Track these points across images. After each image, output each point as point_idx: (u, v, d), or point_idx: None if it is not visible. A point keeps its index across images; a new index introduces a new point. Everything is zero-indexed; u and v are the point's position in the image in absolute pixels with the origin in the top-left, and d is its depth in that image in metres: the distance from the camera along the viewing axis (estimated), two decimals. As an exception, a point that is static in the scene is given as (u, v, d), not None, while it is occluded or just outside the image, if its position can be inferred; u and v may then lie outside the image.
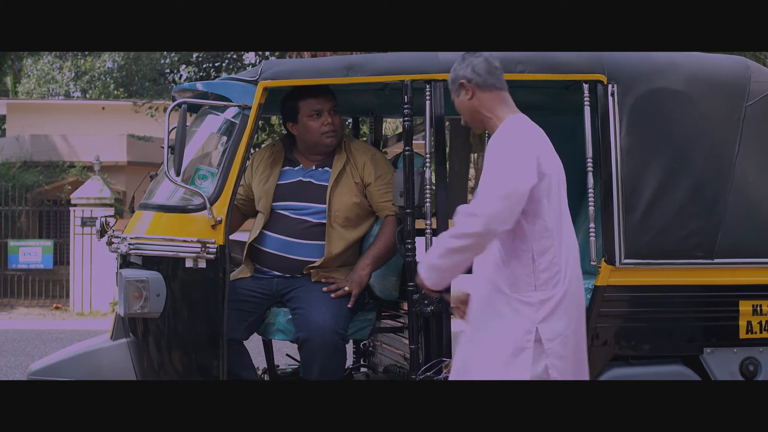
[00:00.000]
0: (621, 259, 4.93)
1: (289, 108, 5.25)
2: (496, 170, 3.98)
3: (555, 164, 4.17)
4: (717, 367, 5.03)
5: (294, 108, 5.23)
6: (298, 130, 5.27)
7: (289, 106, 5.24)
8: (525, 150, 4.01)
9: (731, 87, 5.16)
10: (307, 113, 5.21)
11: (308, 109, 5.20)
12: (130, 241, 4.92)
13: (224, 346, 4.81)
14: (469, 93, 4.25)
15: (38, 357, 11.89)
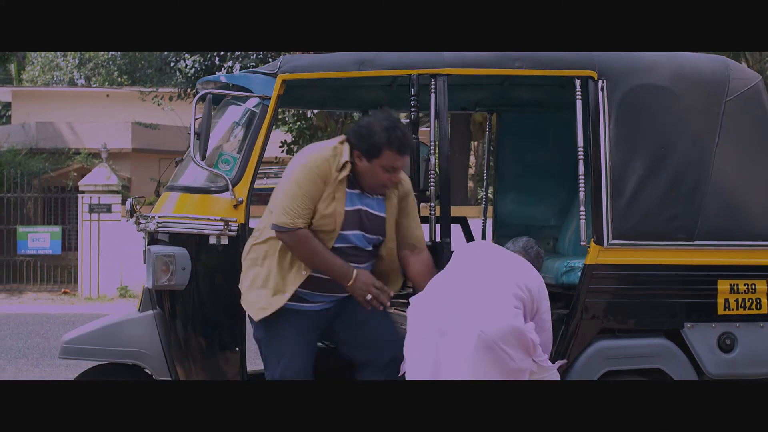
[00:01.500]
0: (609, 240, 5.27)
1: (372, 148, 4.77)
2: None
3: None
4: (696, 341, 5.36)
5: (377, 151, 4.76)
6: (364, 169, 4.81)
7: (373, 146, 4.77)
8: None
9: (712, 84, 5.50)
10: (384, 164, 4.78)
11: (389, 163, 4.79)
12: (158, 219, 5.30)
13: (244, 316, 5.18)
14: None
15: (53, 339, 12.31)
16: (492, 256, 4.93)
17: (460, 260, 4.90)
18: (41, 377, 9.46)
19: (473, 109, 7.19)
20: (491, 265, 4.82)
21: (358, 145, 4.80)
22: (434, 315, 4.59)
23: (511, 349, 4.48)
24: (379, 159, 4.77)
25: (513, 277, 4.72)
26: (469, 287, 4.64)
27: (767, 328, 5.46)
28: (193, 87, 20.35)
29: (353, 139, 4.83)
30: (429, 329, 4.58)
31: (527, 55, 5.38)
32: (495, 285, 4.66)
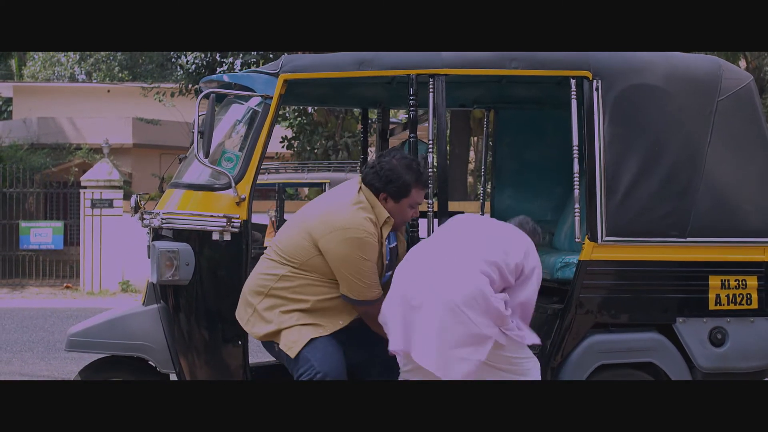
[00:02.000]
0: (603, 236, 5.40)
1: (401, 188, 4.97)
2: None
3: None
4: (688, 335, 5.49)
5: (406, 191, 4.98)
6: (392, 208, 5.00)
7: (402, 187, 4.97)
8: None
9: (704, 83, 5.62)
10: (411, 202, 5.03)
11: (415, 200, 5.04)
12: (163, 216, 5.41)
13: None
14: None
15: (57, 333, 12.46)
16: (474, 226, 4.98)
17: (441, 232, 4.97)
18: (47, 370, 9.60)
19: (471, 107, 7.31)
20: (469, 235, 4.86)
21: (385, 188, 4.97)
22: (406, 286, 4.65)
23: (473, 314, 4.48)
24: (408, 198, 5.00)
25: (491, 245, 4.75)
26: (442, 257, 4.69)
27: (757, 323, 5.58)
28: (194, 83, 20.49)
29: (378, 183, 4.98)
30: (400, 300, 4.65)
31: (523, 56, 5.50)
32: (466, 253, 4.69)
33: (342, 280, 4.88)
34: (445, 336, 4.47)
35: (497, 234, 4.89)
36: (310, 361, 4.85)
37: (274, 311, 4.95)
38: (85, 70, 41.18)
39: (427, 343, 4.48)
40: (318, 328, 4.92)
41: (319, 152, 20.11)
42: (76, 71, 41.99)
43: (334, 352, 4.89)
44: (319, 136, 20.32)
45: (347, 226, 4.85)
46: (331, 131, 20.42)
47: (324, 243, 4.86)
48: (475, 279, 4.55)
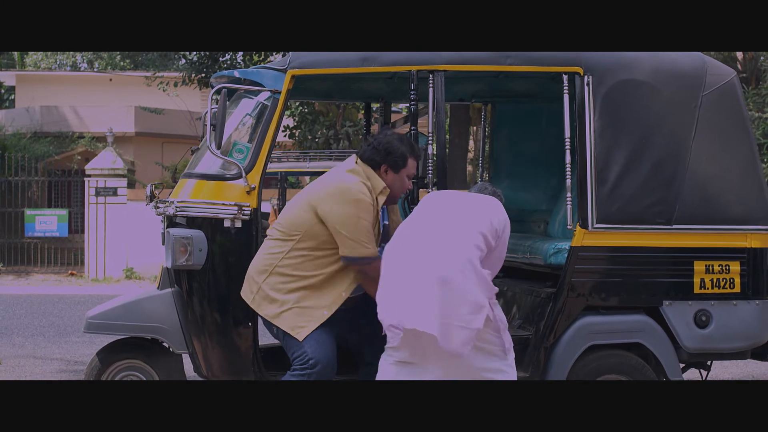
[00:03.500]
0: (593, 224, 5.68)
1: (399, 160, 5.24)
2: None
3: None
4: (674, 317, 5.77)
5: (404, 162, 5.25)
6: (392, 180, 5.26)
7: (401, 157, 5.24)
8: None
9: (690, 79, 5.89)
10: (408, 173, 5.29)
11: (411, 170, 5.31)
12: (177, 204, 5.68)
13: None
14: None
15: (66, 318, 12.71)
16: (455, 201, 5.11)
17: (424, 208, 5.08)
18: (59, 353, 9.86)
19: (470, 101, 7.57)
20: (454, 210, 5.00)
21: (385, 160, 5.23)
22: (400, 263, 4.81)
23: (467, 281, 4.65)
24: (405, 168, 5.26)
25: (477, 217, 4.91)
26: (433, 232, 4.85)
27: (740, 306, 5.85)
28: (197, 72, 20.65)
29: (378, 157, 5.23)
30: (395, 277, 4.79)
31: (518, 53, 5.76)
32: (456, 227, 4.85)
33: (340, 240, 5.07)
34: (443, 305, 4.61)
35: (478, 205, 5.03)
36: (304, 347, 5.06)
37: (279, 289, 5.15)
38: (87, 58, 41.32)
39: (427, 312, 4.61)
40: (320, 312, 5.12)
41: (320, 141, 20.29)
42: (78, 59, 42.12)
43: (327, 340, 5.08)
44: (321, 125, 20.50)
45: (344, 188, 5.10)
46: (332, 120, 20.62)
47: (323, 207, 5.08)
48: (466, 250, 4.71)
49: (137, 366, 5.86)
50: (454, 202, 5.08)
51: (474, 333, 4.64)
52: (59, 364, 9.13)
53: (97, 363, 5.83)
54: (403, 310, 4.70)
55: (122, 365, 5.85)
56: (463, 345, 4.63)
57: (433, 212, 5.00)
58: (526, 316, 6.10)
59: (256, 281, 5.24)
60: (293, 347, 5.11)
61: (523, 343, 5.69)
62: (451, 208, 5.02)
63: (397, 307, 4.73)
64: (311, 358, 5.03)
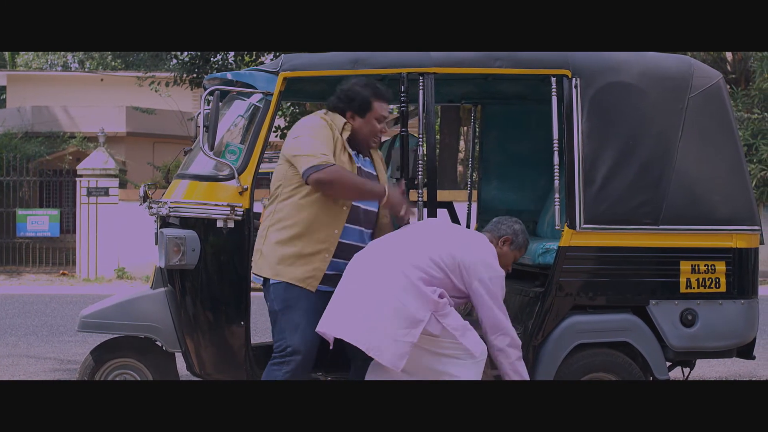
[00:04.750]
0: (581, 224, 5.75)
1: (363, 103, 5.27)
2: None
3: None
4: (661, 317, 5.84)
5: (367, 105, 5.27)
6: (359, 125, 5.30)
7: (364, 102, 5.28)
8: None
9: (676, 81, 5.95)
10: (377, 115, 5.30)
11: (380, 112, 5.31)
12: (170, 205, 5.75)
13: (248, 293, 5.68)
14: (505, 247, 5.39)
15: (59, 317, 12.74)
16: (431, 228, 5.27)
17: (402, 231, 5.26)
18: (53, 352, 9.90)
19: (459, 102, 7.64)
20: (422, 234, 5.19)
21: (349, 106, 5.30)
22: (351, 275, 5.01)
23: (406, 298, 4.82)
24: (372, 112, 5.29)
25: (441, 245, 5.06)
26: (388, 253, 5.04)
27: (725, 305, 5.92)
28: (188, 73, 20.69)
29: (342, 104, 5.31)
30: (342, 286, 5.02)
31: (507, 55, 5.83)
32: (412, 250, 5.03)
33: (296, 162, 5.13)
34: (378, 320, 4.80)
35: (449, 235, 5.19)
36: (285, 332, 5.14)
37: (274, 245, 5.18)
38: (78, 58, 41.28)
39: (358, 325, 4.81)
40: (322, 255, 5.14)
41: (311, 142, 20.31)
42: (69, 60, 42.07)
43: (307, 326, 5.11)
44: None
45: (303, 123, 5.25)
46: (323, 120, 20.67)
47: (284, 147, 5.23)
48: (408, 270, 4.90)
49: (130, 365, 5.92)
50: (429, 228, 5.28)
51: (408, 346, 4.77)
52: (52, 364, 9.18)
53: (90, 362, 5.90)
54: (337, 319, 4.90)
55: (116, 364, 5.91)
56: (398, 358, 4.76)
57: (403, 234, 5.20)
58: (514, 316, 6.14)
59: (258, 249, 5.30)
60: (282, 316, 5.16)
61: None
62: (420, 232, 5.22)
63: (332, 315, 4.94)
64: (289, 346, 5.10)
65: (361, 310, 4.85)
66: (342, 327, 4.87)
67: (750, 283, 6.01)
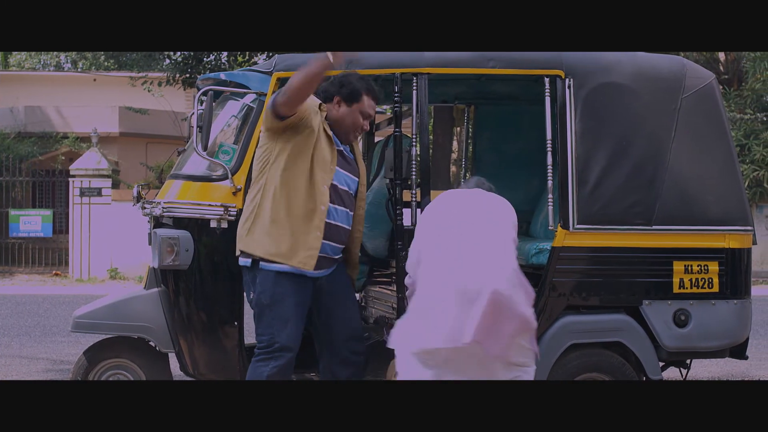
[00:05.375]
0: (574, 224, 5.76)
1: (353, 92, 5.30)
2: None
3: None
4: (654, 317, 5.84)
5: (357, 95, 5.31)
6: (343, 114, 5.31)
7: (354, 91, 5.31)
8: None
9: (669, 82, 5.96)
10: (363, 108, 5.33)
11: (366, 108, 5.34)
12: (164, 205, 5.75)
13: (242, 293, 5.64)
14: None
15: (51, 318, 12.75)
16: (477, 204, 5.06)
17: (450, 212, 5.02)
18: (45, 353, 9.91)
19: (453, 102, 7.65)
20: (482, 215, 4.96)
21: (339, 91, 5.31)
22: (456, 280, 4.68)
23: (516, 294, 4.66)
24: (359, 104, 5.32)
25: (504, 223, 4.94)
26: (469, 246, 4.78)
27: (718, 306, 5.92)
28: (181, 73, 20.68)
29: (333, 88, 5.33)
30: (453, 296, 4.65)
31: (500, 56, 5.84)
32: (494, 237, 4.83)
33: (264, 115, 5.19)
34: (494, 319, 4.58)
35: (497, 209, 5.03)
36: (272, 327, 5.11)
37: (265, 225, 5.13)
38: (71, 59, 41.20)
39: (492, 334, 4.59)
40: (315, 234, 5.10)
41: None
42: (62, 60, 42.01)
43: (296, 321, 5.13)
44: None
45: None
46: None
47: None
48: (509, 260, 4.76)
49: (124, 365, 5.93)
50: (473, 207, 5.03)
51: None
52: (45, 364, 9.18)
53: (84, 362, 5.90)
54: (462, 330, 4.60)
55: (109, 364, 5.93)
56: (505, 349, 4.67)
57: (457, 221, 4.93)
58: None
59: (247, 226, 5.21)
60: (270, 311, 5.12)
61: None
62: (474, 215, 4.97)
63: (455, 327, 4.61)
64: (277, 341, 5.09)
65: (474, 311, 4.60)
66: (478, 338, 4.62)
67: (743, 283, 6.01)
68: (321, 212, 5.12)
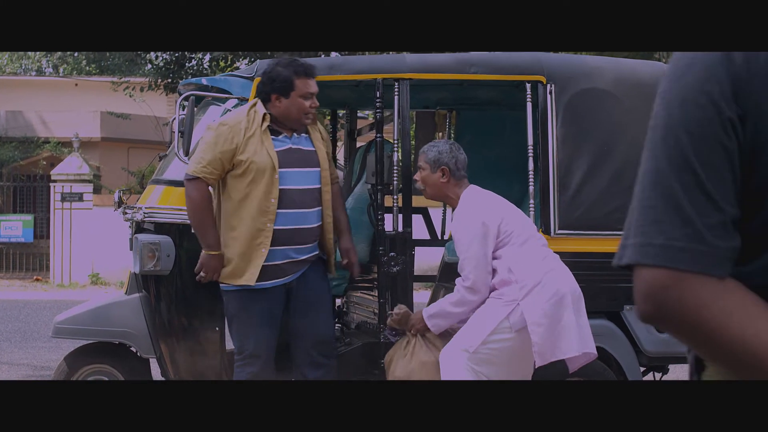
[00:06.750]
0: (555, 229, 5.78)
1: (284, 83, 5.22)
2: (468, 243, 4.99)
3: (512, 215, 5.10)
4: (635, 322, 5.84)
5: (290, 85, 5.21)
6: (285, 105, 5.23)
7: (285, 81, 5.22)
8: (487, 220, 5.00)
9: (650, 87, 5.90)
10: (301, 93, 5.22)
11: (304, 89, 5.23)
12: (145, 210, 5.76)
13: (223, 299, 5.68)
14: (446, 177, 5.20)
15: (32, 323, 12.70)
16: (507, 205, 5.24)
17: (511, 219, 5.12)
18: (26, 359, 9.88)
19: (434, 108, 7.67)
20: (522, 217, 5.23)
21: (272, 88, 5.25)
22: (556, 285, 4.96)
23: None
24: (295, 91, 5.23)
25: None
26: (544, 251, 5.11)
27: (699, 311, 5.94)
28: (163, 78, 20.64)
29: (266, 87, 5.28)
30: (562, 301, 4.96)
31: (482, 61, 5.86)
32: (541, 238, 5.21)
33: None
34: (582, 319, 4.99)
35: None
36: (240, 337, 5.25)
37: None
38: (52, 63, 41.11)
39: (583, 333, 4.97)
40: (253, 262, 5.17)
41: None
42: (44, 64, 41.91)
43: (258, 330, 5.22)
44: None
45: (220, 119, 5.44)
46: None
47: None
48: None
49: (105, 371, 5.92)
50: (515, 210, 5.23)
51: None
52: (26, 370, 9.15)
53: (65, 367, 5.89)
54: (574, 339, 4.94)
55: (90, 370, 5.91)
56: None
57: (521, 225, 5.12)
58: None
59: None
60: (237, 321, 5.28)
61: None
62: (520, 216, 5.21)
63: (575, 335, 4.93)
64: (246, 350, 5.21)
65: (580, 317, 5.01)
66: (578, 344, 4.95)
67: (723, 288, 6.00)
68: (267, 229, 5.19)
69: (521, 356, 4.89)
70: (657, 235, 1.51)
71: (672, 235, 1.49)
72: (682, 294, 1.49)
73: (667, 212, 1.51)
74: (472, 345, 4.84)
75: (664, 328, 1.58)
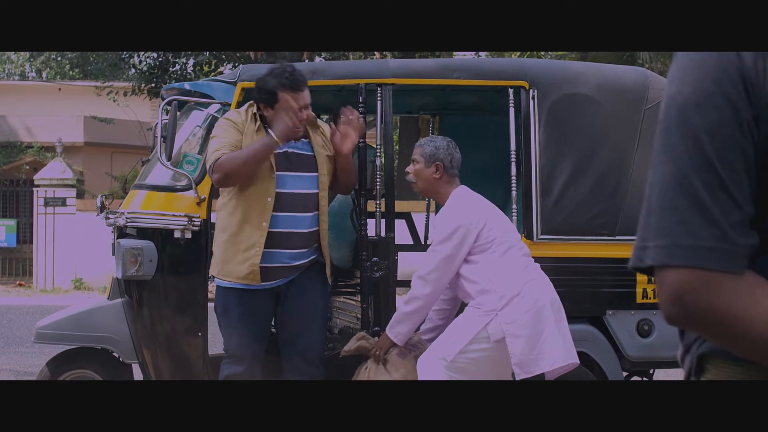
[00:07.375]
0: (538, 235, 5.78)
1: (269, 95, 5.12)
2: (441, 239, 5.01)
3: (497, 222, 5.12)
4: (617, 327, 5.86)
5: (273, 98, 5.11)
6: (271, 115, 5.16)
7: (270, 92, 5.12)
8: (469, 223, 5.02)
9: (632, 93, 5.99)
10: (285, 107, 5.09)
11: (286, 104, 5.09)
12: (127, 215, 5.74)
13: (206, 304, 5.67)
14: (439, 173, 5.21)
15: (15, 329, 12.65)
16: (493, 211, 5.24)
17: (498, 219, 5.18)
18: (8, 364, 9.85)
19: (418, 113, 7.67)
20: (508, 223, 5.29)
21: (260, 98, 5.20)
22: (536, 294, 4.97)
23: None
24: (279, 103, 5.12)
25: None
26: (525, 252, 5.15)
27: (681, 315, 5.96)
28: (147, 82, 20.62)
29: (256, 95, 5.24)
30: (543, 310, 4.96)
31: (465, 66, 5.89)
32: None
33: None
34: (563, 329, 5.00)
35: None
36: (226, 335, 5.26)
37: (219, 245, 5.25)
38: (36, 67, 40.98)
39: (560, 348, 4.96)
40: (249, 261, 5.14)
41: (270, 152, 20.31)
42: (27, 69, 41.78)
43: (244, 331, 5.22)
44: (270, 135, 20.52)
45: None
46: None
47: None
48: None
49: (87, 376, 5.92)
50: (495, 211, 5.25)
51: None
52: (8, 375, 9.13)
53: (47, 373, 5.87)
54: (557, 351, 4.93)
55: (72, 375, 5.90)
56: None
57: (503, 229, 5.15)
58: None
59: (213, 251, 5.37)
60: (225, 320, 5.28)
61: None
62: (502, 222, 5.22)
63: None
64: (230, 349, 5.24)
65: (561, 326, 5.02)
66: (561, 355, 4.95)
67: (705, 293, 6.02)
68: (263, 228, 5.15)
69: (498, 367, 4.89)
70: (684, 236, 1.54)
71: (699, 235, 1.52)
72: (711, 293, 1.53)
73: (692, 213, 1.53)
74: (450, 354, 4.85)
75: (693, 328, 1.65)
